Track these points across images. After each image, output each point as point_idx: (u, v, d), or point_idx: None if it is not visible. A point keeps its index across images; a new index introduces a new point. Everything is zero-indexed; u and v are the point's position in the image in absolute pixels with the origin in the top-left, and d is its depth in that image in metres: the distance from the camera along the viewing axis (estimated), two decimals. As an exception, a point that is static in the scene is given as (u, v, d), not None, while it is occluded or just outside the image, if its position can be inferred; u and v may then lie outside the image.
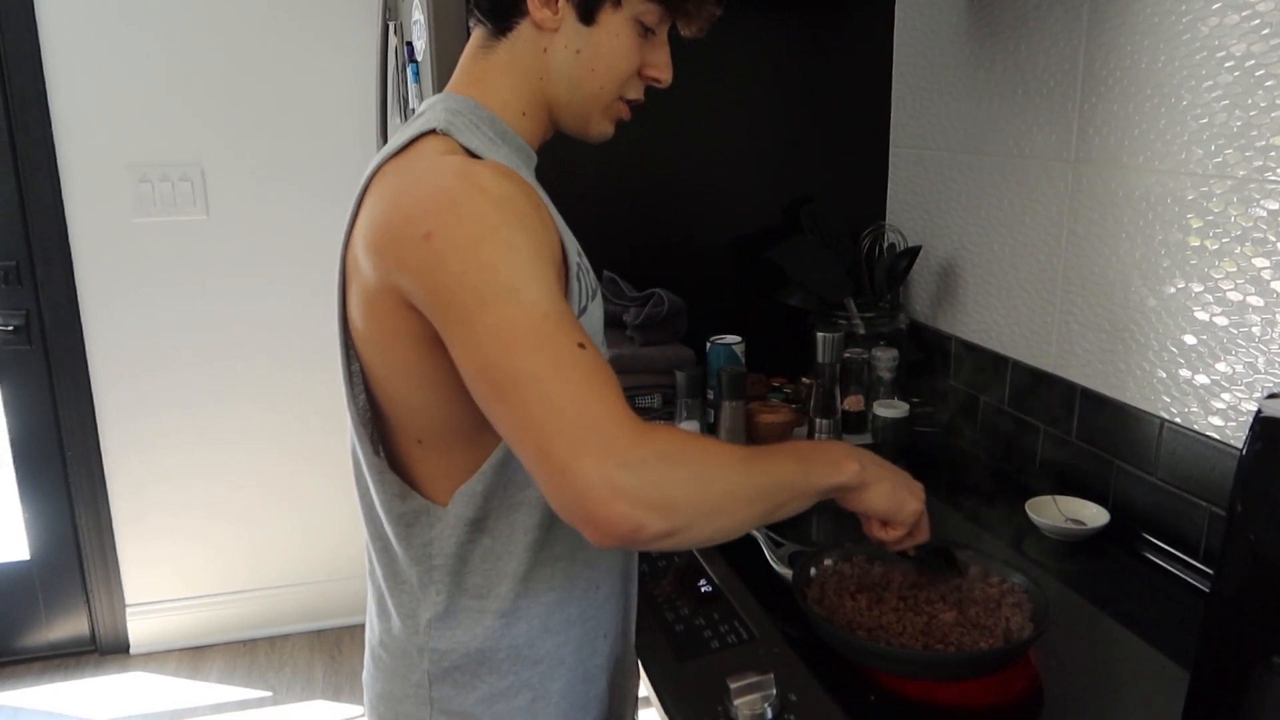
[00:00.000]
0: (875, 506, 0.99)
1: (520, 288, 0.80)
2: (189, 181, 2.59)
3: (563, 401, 0.77)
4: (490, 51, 1.00)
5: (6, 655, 2.79)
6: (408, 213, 0.85)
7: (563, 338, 0.79)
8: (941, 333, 1.90)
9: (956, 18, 1.78)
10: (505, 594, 0.99)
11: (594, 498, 0.75)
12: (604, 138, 1.05)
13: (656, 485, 0.77)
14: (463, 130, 0.94)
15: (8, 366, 2.62)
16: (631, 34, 0.98)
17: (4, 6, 2.38)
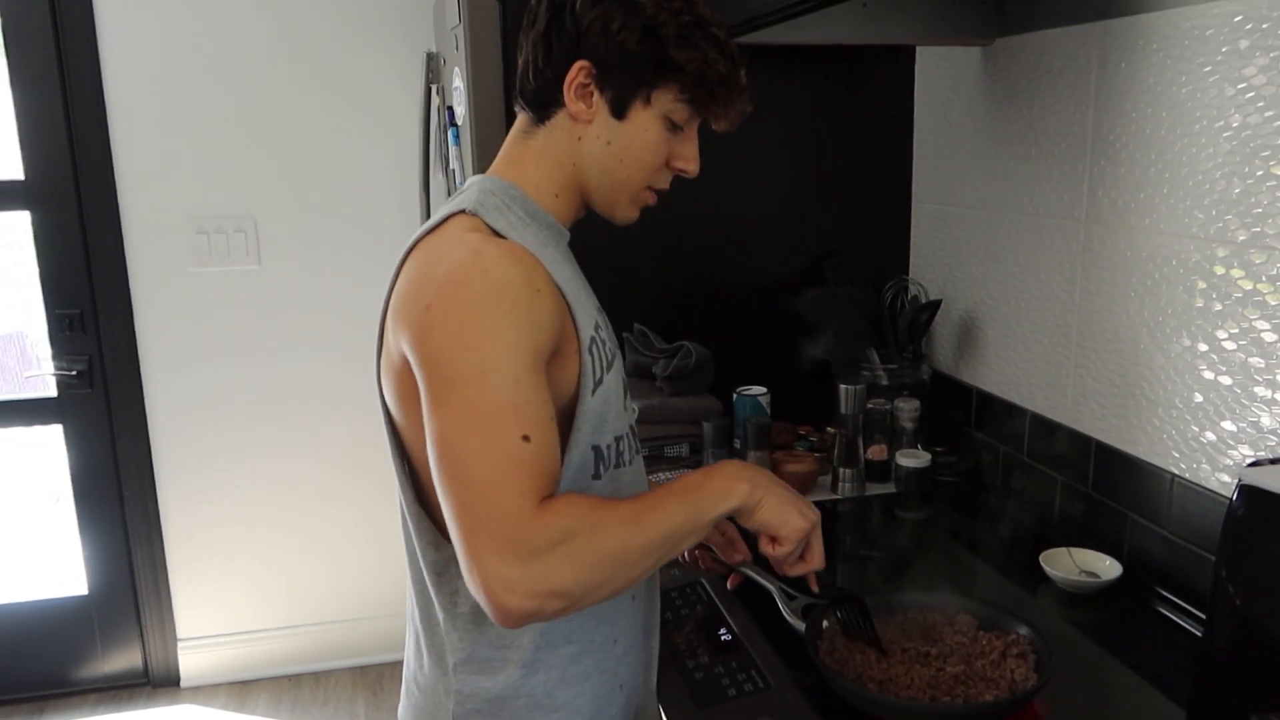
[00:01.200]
0: (762, 519, 1.01)
1: (487, 373, 0.89)
2: (243, 233, 2.72)
3: (480, 491, 0.86)
4: (530, 137, 1.08)
5: (64, 686, 2.90)
6: (422, 285, 0.95)
7: (507, 428, 0.87)
8: (963, 384, 1.94)
9: (973, 76, 1.85)
10: (527, 645, 1.05)
11: (493, 590, 0.84)
12: (629, 222, 1.12)
13: (549, 576, 0.85)
14: (491, 211, 1.02)
15: (71, 409, 2.75)
16: (660, 129, 1.05)
17: (73, 69, 2.54)
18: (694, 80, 1.02)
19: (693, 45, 1.01)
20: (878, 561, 1.64)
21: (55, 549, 3.16)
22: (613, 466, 1.07)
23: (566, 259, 1.09)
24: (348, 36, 2.64)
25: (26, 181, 2.61)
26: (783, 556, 1.07)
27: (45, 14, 2.50)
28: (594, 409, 1.02)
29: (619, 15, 1.00)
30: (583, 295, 1.06)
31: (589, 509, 0.90)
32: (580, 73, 1.01)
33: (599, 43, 1.01)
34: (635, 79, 1.02)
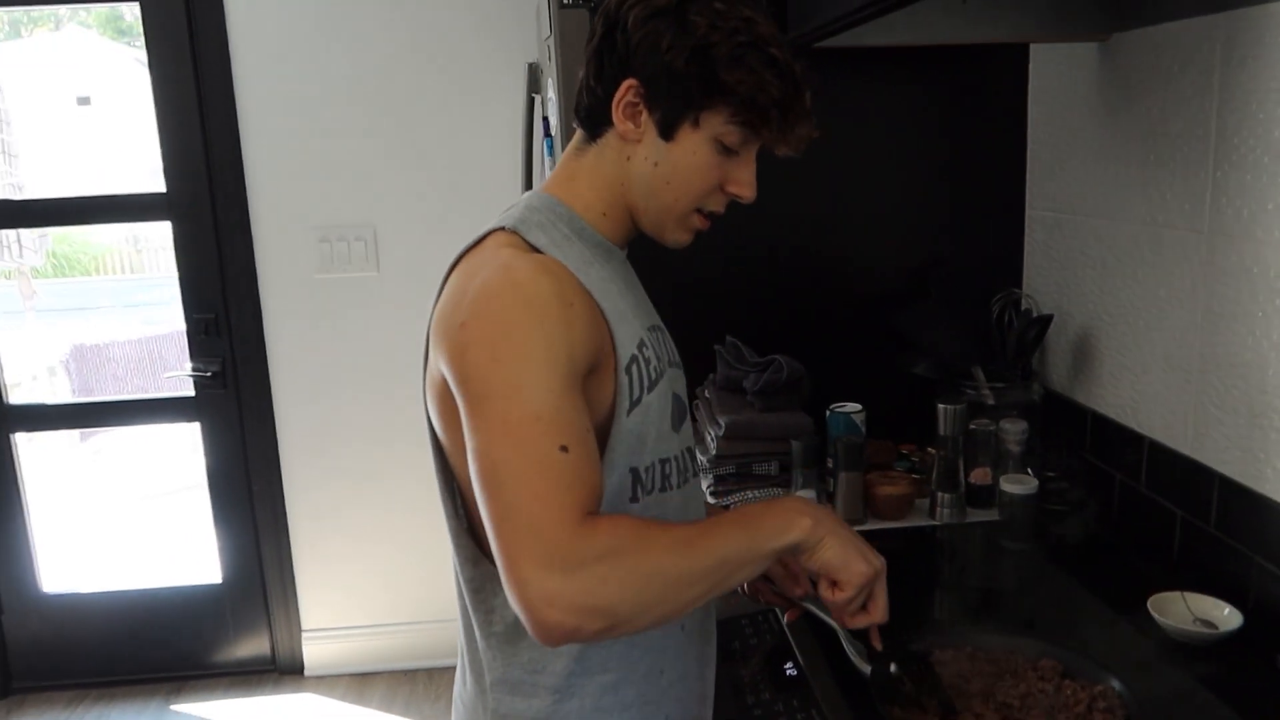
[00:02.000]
0: (823, 560, 0.95)
1: (522, 386, 0.87)
2: (363, 241, 2.81)
3: (519, 503, 0.84)
4: (582, 154, 1.06)
5: (201, 668, 3.08)
6: (456, 302, 0.95)
7: (544, 440, 0.85)
8: (1078, 405, 1.81)
9: (1090, 75, 1.71)
10: (559, 671, 1.03)
11: (533, 604, 0.81)
12: (679, 245, 1.08)
13: (591, 591, 0.82)
14: (533, 228, 1.01)
15: (207, 408, 2.91)
16: (709, 152, 1.00)
17: (209, 91, 2.68)
18: (745, 103, 0.98)
19: (745, 67, 0.96)
20: (970, 593, 1.54)
21: (195, 539, 3.37)
22: (657, 490, 1.04)
23: (616, 276, 1.06)
24: (460, 50, 2.69)
25: (168, 194, 2.78)
26: (843, 603, 0.99)
27: (184, 42, 2.66)
28: (631, 430, 0.99)
29: (669, 34, 0.97)
30: (629, 313, 1.03)
31: (637, 527, 0.87)
32: (629, 91, 0.99)
33: (647, 61, 0.98)
34: (683, 100, 0.98)
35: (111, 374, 4.75)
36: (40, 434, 3.12)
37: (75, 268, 10.07)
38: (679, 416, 1.09)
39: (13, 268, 5.54)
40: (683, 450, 1.10)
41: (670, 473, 1.06)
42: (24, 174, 5.92)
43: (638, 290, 1.12)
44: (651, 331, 1.08)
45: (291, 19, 2.68)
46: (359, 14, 2.69)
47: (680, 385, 1.12)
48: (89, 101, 14.78)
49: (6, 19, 13.76)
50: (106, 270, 10.57)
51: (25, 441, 2.97)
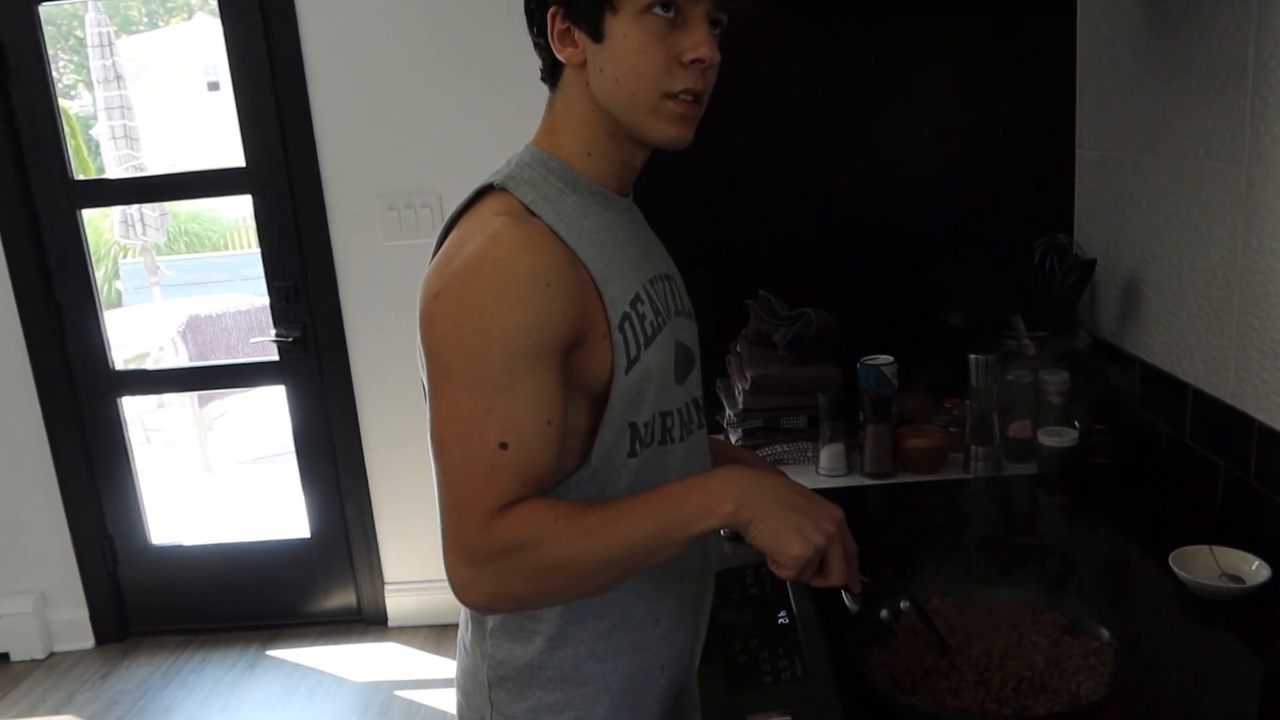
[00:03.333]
0: (757, 542, 0.91)
1: (480, 376, 0.90)
2: (429, 208, 2.89)
3: (453, 492, 0.91)
4: (553, 104, 1.05)
5: (293, 618, 3.26)
6: (438, 272, 0.95)
7: (488, 434, 0.89)
8: (1126, 353, 1.72)
9: (1134, 6, 1.61)
10: (553, 617, 1.05)
11: (453, 585, 0.90)
12: (674, 141, 1.00)
13: (498, 582, 0.90)
14: (522, 185, 0.99)
15: (291, 372, 3.06)
16: (640, 30, 0.96)
17: (281, 71, 2.79)
18: None
19: None
20: (992, 546, 1.49)
21: (287, 496, 3.55)
22: (656, 443, 1.03)
23: (616, 225, 1.04)
24: (520, 19, 2.71)
25: (248, 169, 2.92)
26: (789, 579, 0.94)
27: (257, 21, 2.77)
28: (629, 387, 0.98)
29: None
30: (625, 267, 1.01)
31: (543, 521, 0.90)
32: (555, 20, 0.99)
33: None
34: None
35: (224, 343, 5.02)
36: (162, 399, 3.31)
37: (205, 244, 10.66)
38: (684, 368, 1.08)
39: (138, 245, 5.90)
40: (687, 402, 1.08)
41: (672, 425, 1.05)
42: (146, 156, 6.28)
43: (643, 239, 1.10)
44: (655, 283, 1.06)
45: (355, -7, 2.76)
46: (421, -15, 2.74)
47: (688, 334, 1.10)
48: (218, 86, 15.51)
49: (145, 11, 14.40)
50: (234, 246, 11.16)
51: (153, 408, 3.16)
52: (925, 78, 1.91)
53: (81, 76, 9.37)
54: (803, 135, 1.87)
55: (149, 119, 11.71)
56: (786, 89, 1.90)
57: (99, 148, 6.56)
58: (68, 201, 2.94)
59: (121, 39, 8.27)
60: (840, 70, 1.86)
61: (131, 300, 7.28)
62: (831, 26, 1.88)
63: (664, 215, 1.10)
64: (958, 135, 1.92)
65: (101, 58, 5.15)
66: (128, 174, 5.35)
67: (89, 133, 8.18)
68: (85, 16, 5.22)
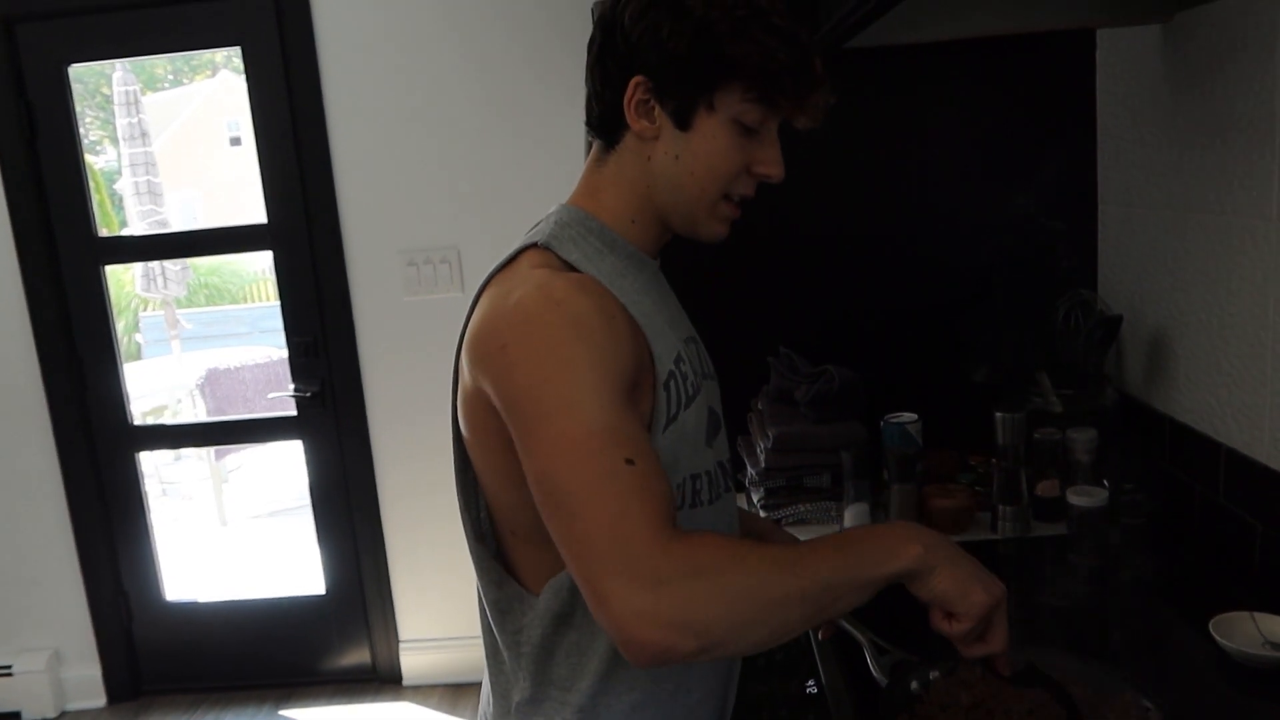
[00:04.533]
0: (936, 591, 0.87)
1: (577, 403, 0.85)
2: (448, 263, 2.90)
3: (598, 519, 0.80)
4: (603, 164, 1.05)
5: (307, 676, 3.22)
6: (494, 324, 0.92)
7: (609, 454, 0.82)
8: (1155, 411, 1.68)
9: (1155, 59, 1.60)
10: (585, 689, 1.01)
11: (623, 621, 0.77)
12: (716, 238, 1.05)
13: (684, 606, 0.77)
14: (565, 243, 0.99)
15: (308, 427, 3.05)
16: (729, 135, 0.97)
17: (303, 125, 2.83)
18: (757, 76, 0.95)
19: (749, 38, 0.94)
20: (1021, 611, 1.45)
21: (302, 551, 3.53)
22: (687, 506, 1.01)
23: (650, 288, 1.04)
24: (537, 76, 2.74)
25: (269, 225, 2.94)
26: (960, 635, 0.90)
27: (281, 81, 2.81)
28: (665, 447, 0.96)
29: (667, 22, 0.95)
30: (665, 328, 1.01)
31: (729, 543, 0.84)
32: (637, 89, 0.97)
33: (650, 54, 0.96)
34: (693, 85, 0.96)
35: (242, 396, 5.03)
36: (179, 454, 3.31)
37: (224, 297, 10.76)
38: (713, 430, 1.06)
39: (159, 298, 5.95)
40: (715, 465, 1.07)
41: (701, 488, 1.03)
42: (176, 211, 6.37)
43: (671, 301, 1.10)
44: (687, 344, 1.06)
45: (379, 50, 2.79)
46: (441, 46, 2.77)
47: (715, 398, 1.09)
48: (240, 142, 15.79)
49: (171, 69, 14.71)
50: (253, 299, 11.26)
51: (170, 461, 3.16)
52: (946, 133, 1.91)
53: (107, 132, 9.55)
54: (825, 191, 1.87)
55: (172, 173, 11.90)
56: (810, 146, 1.89)
57: (123, 202, 6.66)
58: (91, 257, 2.97)
59: (147, 96, 8.42)
60: (863, 127, 1.86)
61: (151, 353, 7.34)
62: (854, 85, 1.88)
63: (685, 272, 1.10)
64: (981, 189, 1.91)
65: (127, 115, 5.24)
66: (151, 229, 5.42)
67: (113, 187, 8.33)
68: (113, 75, 5.33)
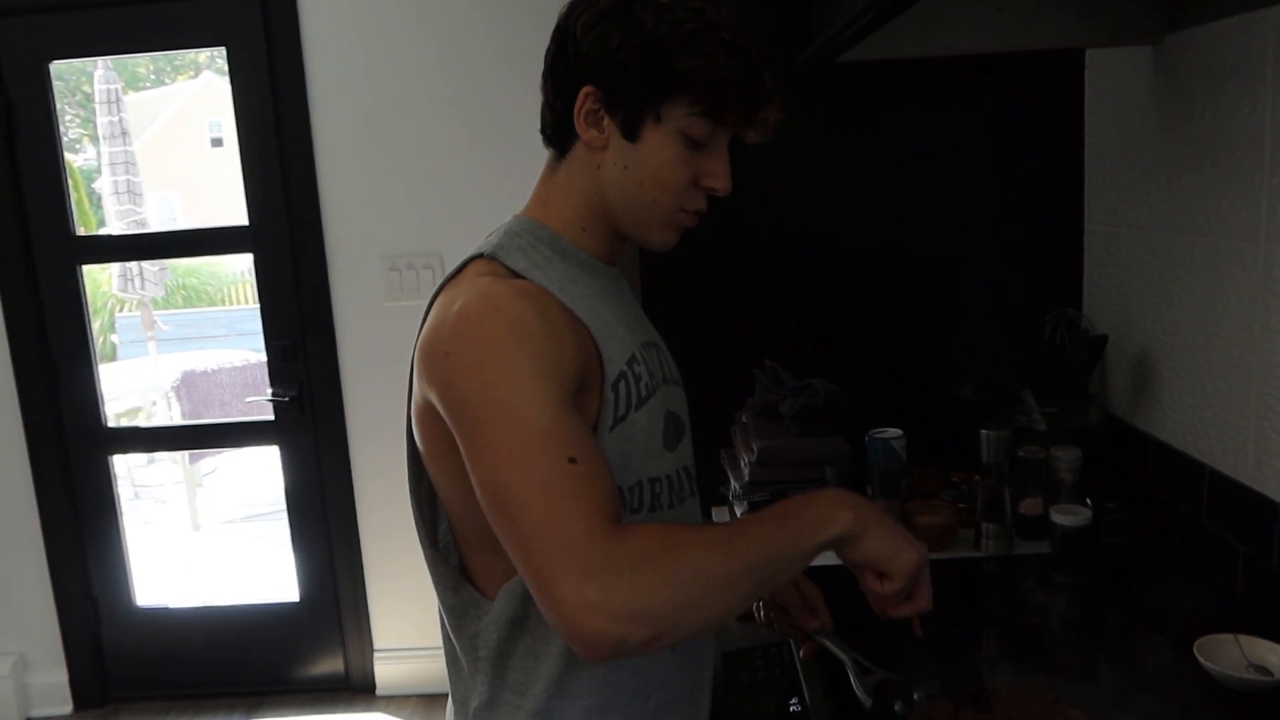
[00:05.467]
0: (869, 552, 0.90)
1: (517, 406, 0.85)
2: (430, 269, 2.87)
3: (542, 519, 0.81)
4: (554, 173, 1.05)
5: (278, 684, 3.17)
6: (438, 333, 0.93)
7: (551, 455, 0.83)
8: (1139, 431, 1.69)
9: (1144, 81, 1.61)
10: (540, 694, 1.01)
11: (574, 617, 0.77)
12: (665, 246, 1.05)
13: (632, 597, 0.78)
14: (512, 253, 1.00)
15: (286, 432, 3.01)
16: (677, 147, 0.98)
17: (287, 126, 2.80)
18: (704, 90, 0.95)
19: (696, 53, 0.94)
20: (1005, 630, 1.45)
21: (276, 557, 3.48)
22: (645, 510, 1.01)
23: (606, 293, 1.04)
24: (521, 84, 2.67)
25: (251, 227, 2.91)
26: (890, 594, 0.94)
27: (266, 82, 2.78)
28: (611, 445, 0.96)
29: (617, 33, 0.95)
30: (621, 330, 1.01)
31: (669, 531, 0.85)
32: (587, 99, 0.97)
33: (600, 65, 0.96)
34: (641, 97, 0.96)
35: (218, 399, 4.98)
36: (152, 456, 3.26)
37: (202, 298, 10.67)
38: (674, 435, 1.06)
39: (135, 299, 5.89)
40: (677, 470, 1.06)
41: (661, 492, 1.03)
42: (155, 211, 6.31)
43: (630, 307, 1.10)
44: (646, 348, 1.06)
45: (364, 54, 2.77)
46: (428, 53, 2.75)
47: (678, 403, 1.10)
48: (221, 143, 15.69)
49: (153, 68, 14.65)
50: (231, 301, 11.17)
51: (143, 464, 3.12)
52: (936, 148, 1.91)
53: (87, 131, 9.45)
54: (812, 206, 1.86)
55: (152, 174, 11.80)
56: (799, 163, 1.89)
57: (101, 201, 6.59)
58: (68, 256, 2.92)
59: (128, 95, 8.35)
60: (853, 141, 1.86)
61: (127, 354, 7.25)
62: (844, 99, 1.89)
63: (671, 283, 1.09)
64: (967, 207, 1.91)
65: (109, 114, 5.18)
66: (129, 228, 5.35)
67: (91, 186, 8.24)
68: (95, 73, 5.27)
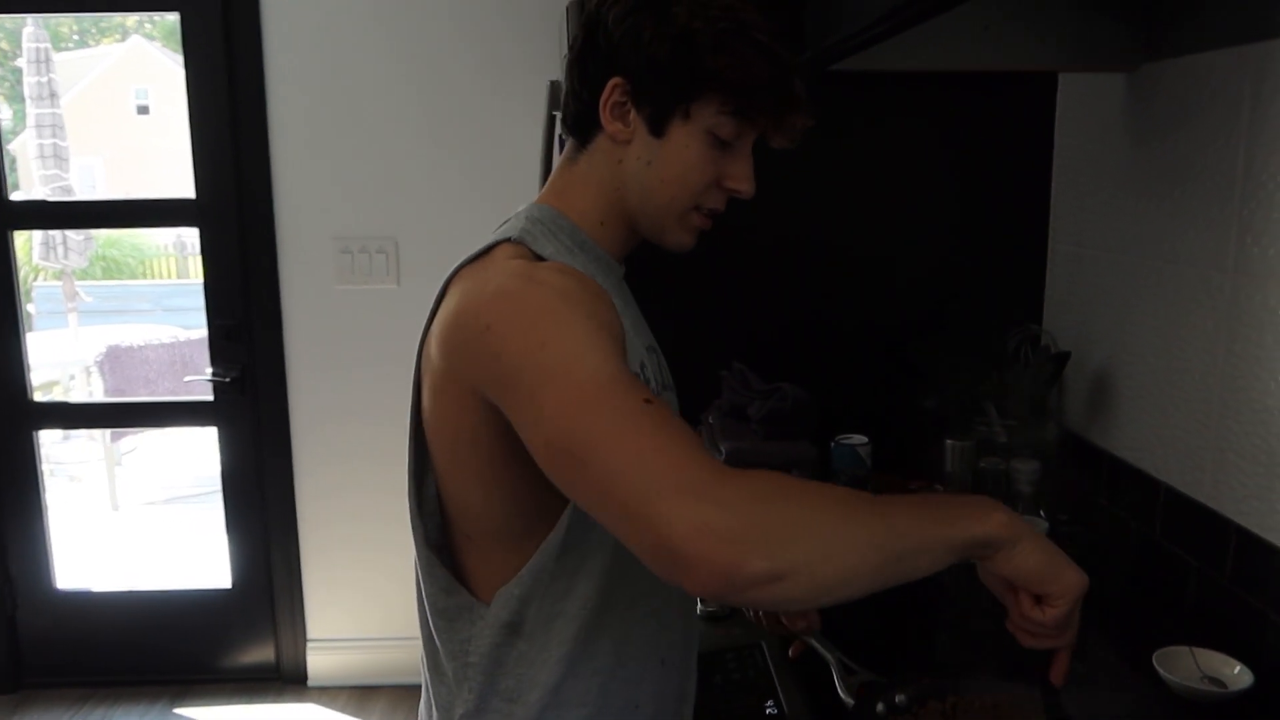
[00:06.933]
0: (1026, 568, 0.79)
1: (580, 356, 0.81)
2: (384, 254, 2.82)
3: (640, 451, 0.74)
4: (574, 163, 1.03)
5: (205, 673, 3.08)
6: (473, 309, 0.90)
7: (628, 396, 0.78)
8: (1095, 447, 1.74)
9: (1117, 107, 1.66)
10: (533, 703, 0.99)
11: (683, 538, 0.68)
12: (682, 248, 1.04)
13: (752, 520, 0.70)
14: (538, 239, 0.97)
15: (225, 413, 2.93)
16: (703, 146, 0.97)
17: (242, 99, 2.72)
18: (735, 90, 0.94)
19: (731, 52, 0.93)
20: (971, 639, 1.48)
21: (210, 543, 3.38)
22: None
23: (617, 293, 1.02)
24: (483, 70, 2.70)
25: (198, 200, 2.81)
26: (1052, 623, 0.82)
27: (221, 51, 2.70)
28: None
29: (650, 26, 0.94)
30: (632, 332, 1.00)
31: (787, 476, 0.75)
32: (614, 90, 0.96)
33: (631, 57, 0.95)
34: (671, 92, 0.95)
35: (144, 376, 4.80)
36: (67, 432, 3.14)
37: (124, 271, 10.30)
38: None
39: (57, 268, 5.65)
40: None
41: None
42: (74, 178, 6.06)
43: (634, 309, 1.09)
44: (649, 353, 1.05)
45: (325, 32, 2.70)
46: (390, 31, 2.70)
47: (674, 410, 1.08)
48: (148, 111, 15.16)
49: (76, 28, 14.19)
50: (154, 274, 10.80)
51: (58, 439, 3.00)
52: (908, 161, 1.95)
53: (2, 89, 9.02)
54: (783, 211, 1.87)
55: (72, 139, 11.40)
56: (771, 169, 1.90)
57: (15, 164, 6.30)
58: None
59: (53, 55, 7.96)
60: (825, 150, 1.88)
61: (43, 325, 6.96)
62: (819, 108, 1.90)
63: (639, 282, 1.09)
64: (936, 220, 1.95)
65: (37, 74, 4.96)
66: (54, 195, 5.13)
67: (6, 148, 7.89)
68: (23, 30, 5.04)
